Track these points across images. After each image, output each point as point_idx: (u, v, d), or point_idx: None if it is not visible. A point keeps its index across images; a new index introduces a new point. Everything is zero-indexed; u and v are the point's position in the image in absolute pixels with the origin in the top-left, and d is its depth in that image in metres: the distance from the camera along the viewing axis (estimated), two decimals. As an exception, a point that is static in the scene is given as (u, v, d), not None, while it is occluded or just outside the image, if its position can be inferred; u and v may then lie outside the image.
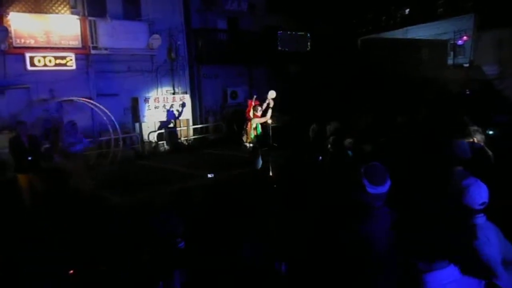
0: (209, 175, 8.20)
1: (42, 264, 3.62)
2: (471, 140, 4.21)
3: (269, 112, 9.82)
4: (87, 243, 3.61)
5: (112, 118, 12.05)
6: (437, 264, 1.37)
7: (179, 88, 16.23)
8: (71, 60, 12.86)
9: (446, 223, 2.72)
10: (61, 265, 3.39)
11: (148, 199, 6.93)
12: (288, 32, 18.37)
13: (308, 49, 18.79)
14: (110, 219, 4.21)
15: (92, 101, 11.27)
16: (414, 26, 20.36)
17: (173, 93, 15.96)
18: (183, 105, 15.62)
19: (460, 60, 18.93)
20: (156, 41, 14.61)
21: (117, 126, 12.49)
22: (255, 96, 9.97)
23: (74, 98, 10.32)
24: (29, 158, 7.37)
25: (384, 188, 2.57)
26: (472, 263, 2.27)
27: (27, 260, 3.92)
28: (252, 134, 9.78)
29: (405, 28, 20.77)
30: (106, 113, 11.66)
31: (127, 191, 8.58)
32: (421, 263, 1.38)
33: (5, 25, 11.68)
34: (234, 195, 5.75)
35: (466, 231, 2.59)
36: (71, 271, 3.20)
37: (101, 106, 11.37)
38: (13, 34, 11.81)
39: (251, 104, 9.78)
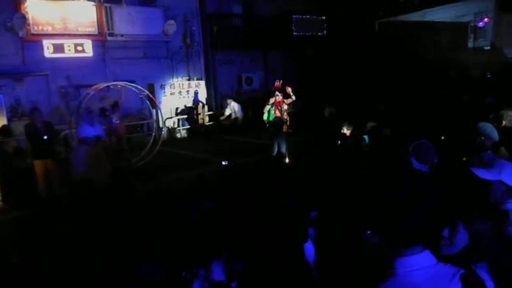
0: (223, 162, 8.14)
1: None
2: (501, 123, 4.10)
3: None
4: (112, 230, 3.61)
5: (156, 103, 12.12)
6: (408, 250, 1.30)
7: (195, 74, 16.19)
8: (88, 46, 12.91)
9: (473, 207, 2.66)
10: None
11: (171, 184, 6.98)
12: (304, 16, 18.09)
13: (324, 33, 18.51)
14: (133, 206, 4.20)
15: (135, 85, 11.32)
16: (432, 8, 19.84)
17: (189, 79, 15.93)
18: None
19: (481, 42, 18.45)
20: (171, 27, 14.54)
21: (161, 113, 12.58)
22: (279, 81, 9.90)
23: (113, 83, 10.45)
24: (45, 137, 7.44)
25: None
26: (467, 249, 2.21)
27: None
28: (266, 116, 9.73)
29: (423, 11, 20.24)
30: (150, 97, 11.72)
31: (149, 176, 8.69)
32: (393, 248, 1.32)
33: (23, 12, 11.75)
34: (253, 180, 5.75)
35: (498, 216, 2.53)
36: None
37: (146, 91, 11.45)
38: (30, 21, 11.87)
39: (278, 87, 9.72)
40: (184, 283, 2.23)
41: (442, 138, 5.82)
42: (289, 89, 9.73)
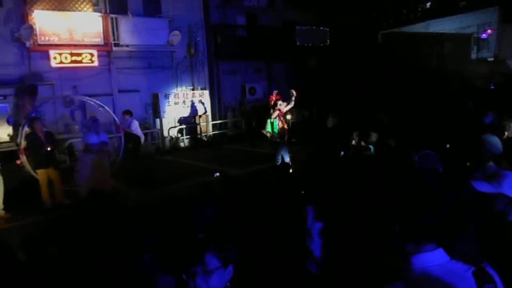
0: (215, 174, 8.04)
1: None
2: (503, 134, 4.11)
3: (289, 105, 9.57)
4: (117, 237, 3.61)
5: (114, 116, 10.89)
6: (424, 247, 1.38)
7: (199, 84, 16.31)
8: (93, 57, 13.05)
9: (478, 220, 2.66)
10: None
11: (173, 192, 7.00)
12: (307, 27, 18.25)
13: (327, 43, 18.64)
14: (136, 214, 4.22)
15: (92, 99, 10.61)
16: (436, 20, 19.95)
17: (193, 89, 16.05)
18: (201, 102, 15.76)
19: (484, 54, 18.50)
20: (176, 37, 14.69)
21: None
22: (275, 91, 9.87)
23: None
24: (48, 149, 7.55)
25: None
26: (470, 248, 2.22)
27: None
28: (269, 128, 9.66)
29: (426, 22, 20.36)
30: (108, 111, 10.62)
31: (151, 185, 8.71)
32: (409, 245, 1.40)
33: (30, 23, 11.91)
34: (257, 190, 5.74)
35: (504, 229, 2.53)
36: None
37: (105, 106, 10.35)
38: (37, 32, 12.02)
39: (272, 99, 9.71)
40: (188, 285, 2.30)
41: (448, 146, 5.83)
42: (293, 92, 9.48)
